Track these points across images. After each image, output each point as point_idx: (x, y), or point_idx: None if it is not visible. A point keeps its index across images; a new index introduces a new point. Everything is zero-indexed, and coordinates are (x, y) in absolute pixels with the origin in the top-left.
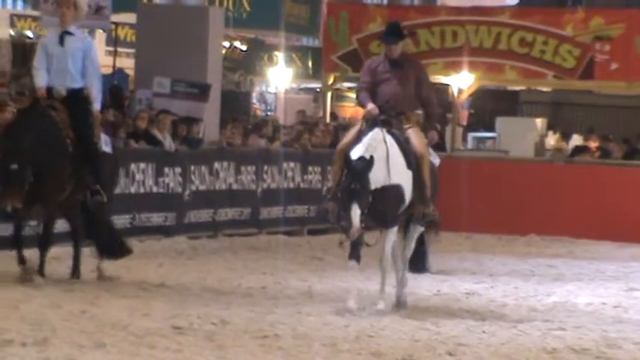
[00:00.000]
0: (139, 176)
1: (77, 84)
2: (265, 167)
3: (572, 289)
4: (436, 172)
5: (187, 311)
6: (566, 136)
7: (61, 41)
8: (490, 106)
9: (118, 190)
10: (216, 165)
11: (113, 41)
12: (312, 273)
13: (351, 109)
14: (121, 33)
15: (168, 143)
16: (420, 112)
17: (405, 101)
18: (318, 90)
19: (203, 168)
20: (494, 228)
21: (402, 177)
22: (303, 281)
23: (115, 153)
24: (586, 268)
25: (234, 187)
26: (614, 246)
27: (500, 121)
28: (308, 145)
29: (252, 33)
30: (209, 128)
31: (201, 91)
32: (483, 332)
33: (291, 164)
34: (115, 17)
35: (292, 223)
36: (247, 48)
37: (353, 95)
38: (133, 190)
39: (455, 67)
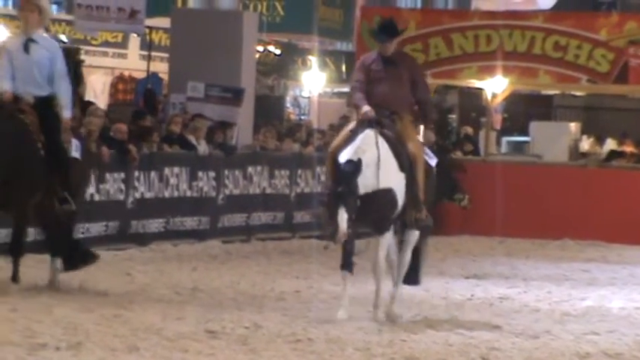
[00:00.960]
0: (172, 180)
1: (44, 92)
2: (299, 171)
3: (605, 293)
4: (433, 173)
5: (220, 315)
6: (600, 141)
7: (26, 49)
8: (524, 110)
9: (151, 194)
10: (250, 169)
11: (147, 46)
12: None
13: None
14: (155, 37)
15: (203, 149)
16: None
17: (398, 101)
18: None
19: (237, 172)
20: (527, 232)
21: (394, 180)
22: (336, 285)
23: (86, 159)
24: (619, 272)
25: (268, 191)
26: None
27: (534, 126)
28: None
29: (285, 37)
30: (243, 133)
31: (234, 96)
32: (516, 337)
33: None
34: (150, 22)
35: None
36: (281, 52)
37: None
38: (167, 194)
39: (489, 71)
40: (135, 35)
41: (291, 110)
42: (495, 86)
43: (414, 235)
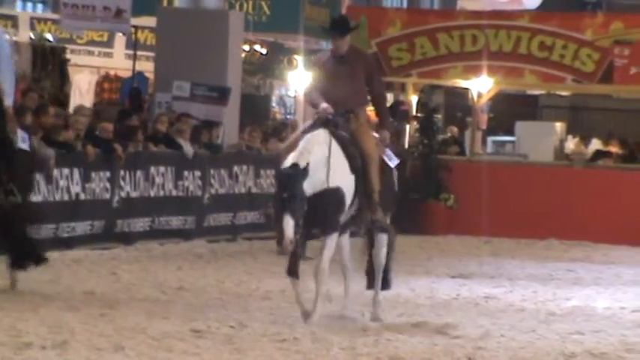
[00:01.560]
0: (158, 179)
1: None
2: None
3: (590, 293)
4: (393, 174)
5: (206, 314)
6: (585, 141)
7: None
8: (509, 110)
9: (137, 194)
10: (236, 169)
11: (133, 45)
12: (330, 276)
13: (372, 112)
14: (141, 36)
15: (188, 149)
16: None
17: (353, 99)
18: None
19: (222, 172)
20: (513, 232)
21: (344, 181)
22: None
23: (33, 151)
24: (605, 272)
25: (254, 190)
26: (632, 250)
27: (520, 125)
28: None
29: (271, 37)
30: (229, 132)
31: (220, 95)
32: (502, 336)
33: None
34: (135, 21)
35: None
36: (267, 51)
37: None
38: (152, 193)
39: (474, 71)
40: (121, 34)
41: (277, 110)
42: (481, 86)
43: (382, 238)
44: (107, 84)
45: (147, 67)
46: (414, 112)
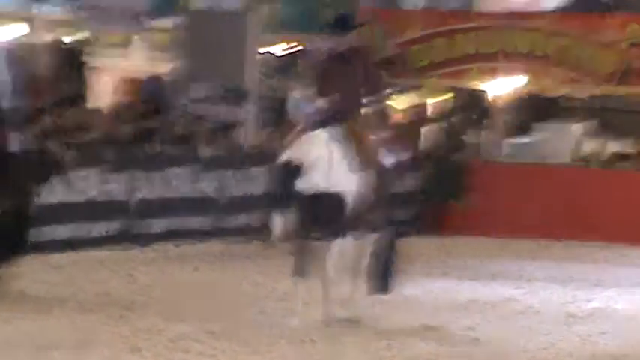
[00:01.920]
0: (175, 182)
1: None
2: None
3: (611, 294)
4: (389, 173)
5: (222, 316)
6: (603, 142)
7: None
8: (528, 112)
9: (154, 195)
10: (254, 170)
11: (151, 47)
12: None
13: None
14: (159, 38)
15: (205, 151)
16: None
17: (351, 97)
18: None
19: (240, 174)
20: (532, 233)
21: (345, 182)
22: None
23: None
24: (625, 273)
25: None
26: None
27: (539, 128)
28: None
29: (289, 38)
30: (247, 133)
31: (238, 96)
32: (522, 339)
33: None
34: (153, 23)
35: None
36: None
37: (390, 101)
38: (169, 195)
39: (491, 72)
40: (138, 37)
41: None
42: (499, 88)
43: (369, 238)
44: (125, 86)
45: (164, 69)
46: (430, 114)
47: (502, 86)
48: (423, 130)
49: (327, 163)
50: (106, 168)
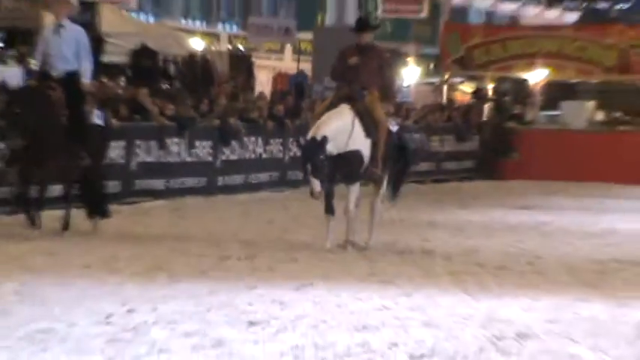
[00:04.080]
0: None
1: (71, 66)
2: None
3: (614, 219)
4: (394, 136)
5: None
6: (609, 114)
7: (57, 32)
8: (556, 93)
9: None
10: None
11: (297, 52)
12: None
13: (460, 95)
14: (303, 46)
15: None
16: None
17: (368, 79)
18: (437, 83)
19: None
20: (558, 177)
21: (361, 144)
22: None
23: (107, 125)
24: (624, 204)
25: None
26: None
27: (564, 104)
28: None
29: (392, 45)
30: None
31: None
32: (553, 247)
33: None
34: (299, 35)
35: None
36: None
37: (462, 87)
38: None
39: (531, 66)
40: (289, 45)
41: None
42: (536, 77)
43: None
44: (279, 79)
45: (307, 67)
46: (489, 95)
47: (538, 76)
48: (485, 106)
49: (348, 131)
50: (267, 135)
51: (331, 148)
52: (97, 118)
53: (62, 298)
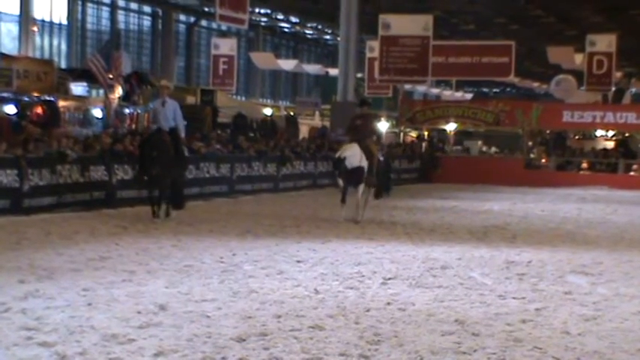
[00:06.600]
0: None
1: (172, 125)
2: None
3: (492, 203)
4: (381, 162)
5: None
6: (489, 147)
7: (163, 104)
8: (461, 136)
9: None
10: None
11: (322, 115)
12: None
13: (409, 138)
14: (325, 112)
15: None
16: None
17: (365, 132)
18: (397, 131)
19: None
20: (463, 181)
21: (363, 164)
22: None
23: (188, 156)
24: (497, 195)
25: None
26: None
27: (465, 142)
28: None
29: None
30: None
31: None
32: (459, 219)
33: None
34: (323, 106)
35: None
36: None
37: (411, 133)
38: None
39: (448, 122)
40: (317, 112)
41: None
42: (450, 128)
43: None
44: (312, 130)
45: (327, 124)
46: (426, 138)
47: (451, 127)
48: (423, 143)
49: (357, 155)
50: (305, 160)
51: (347, 164)
52: (186, 152)
53: (197, 247)
